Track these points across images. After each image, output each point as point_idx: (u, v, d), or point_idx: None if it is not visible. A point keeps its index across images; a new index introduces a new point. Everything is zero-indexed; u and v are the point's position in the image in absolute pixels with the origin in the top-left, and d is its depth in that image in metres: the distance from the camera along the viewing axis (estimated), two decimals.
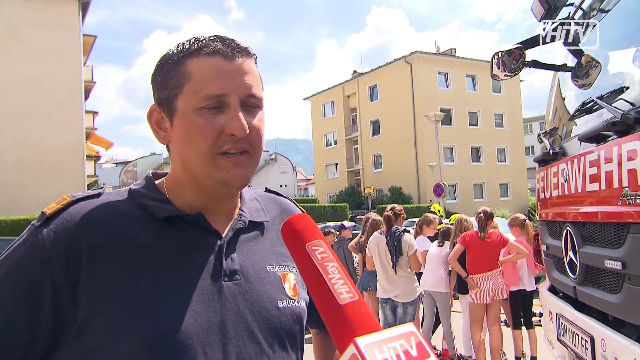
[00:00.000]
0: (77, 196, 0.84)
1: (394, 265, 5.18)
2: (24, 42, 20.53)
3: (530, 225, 5.84)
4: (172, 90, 0.84)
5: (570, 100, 3.19)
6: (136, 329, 0.75)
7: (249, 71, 0.85)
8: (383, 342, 0.53)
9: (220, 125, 0.82)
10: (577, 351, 2.59)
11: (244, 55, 0.86)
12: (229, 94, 0.82)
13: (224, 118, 0.82)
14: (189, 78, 0.83)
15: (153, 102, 0.89)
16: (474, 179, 34.71)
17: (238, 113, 0.82)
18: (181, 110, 0.84)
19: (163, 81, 0.86)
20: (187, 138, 0.84)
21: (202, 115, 0.82)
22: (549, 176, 3.17)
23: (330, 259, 0.64)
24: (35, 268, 0.76)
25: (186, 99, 0.83)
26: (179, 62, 0.84)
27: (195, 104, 0.82)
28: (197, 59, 0.83)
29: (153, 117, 0.89)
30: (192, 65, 0.83)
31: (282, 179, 54.64)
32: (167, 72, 0.85)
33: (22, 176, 19.81)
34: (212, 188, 0.86)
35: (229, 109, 0.82)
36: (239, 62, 0.84)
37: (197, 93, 0.82)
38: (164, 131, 0.88)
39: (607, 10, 2.76)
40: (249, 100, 0.85)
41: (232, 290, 0.84)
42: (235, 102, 0.82)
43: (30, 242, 0.79)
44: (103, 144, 29.79)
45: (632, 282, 2.04)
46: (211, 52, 0.83)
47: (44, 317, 0.75)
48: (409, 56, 33.84)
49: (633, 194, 1.98)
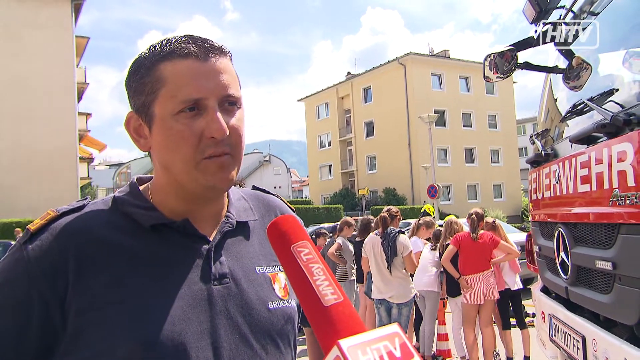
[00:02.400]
0: (61, 210, 0.84)
1: (388, 266, 5.19)
2: (16, 43, 20.41)
3: (501, 226, 5.89)
4: (147, 96, 0.82)
5: (562, 101, 3.22)
6: (127, 338, 0.75)
7: (224, 70, 0.83)
8: (367, 344, 0.52)
9: (199, 129, 0.80)
10: (569, 351, 2.61)
11: (218, 54, 0.84)
12: (206, 96, 0.80)
13: (202, 121, 0.80)
14: (164, 83, 0.81)
15: (129, 109, 0.87)
16: (467, 180, 34.80)
17: (216, 115, 0.80)
18: (159, 116, 0.82)
19: (137, 87, 0.84)
20: (167, 145, 0.82)
21: (180, 120, 0.80)
22: (541, 177, 3.19)
23: (316, 260, 0.64)
24: (22, 284, 0.76)
25: (163, 104, 0.81)
26: (152, 66, 0.82)
27: (172, 109, 0.80)
28: (171, 62, 0.81)
29: (131, 124, 0.87)
30: (166, 70, 0.81)
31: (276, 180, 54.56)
32: (141, 78, 0.83)
33: (14, 178, 19.68)
34: (197, 193, 0.85)
35: (207, 112, 0.80)
36: (213, 63, 0.82)
37: (173, 97, 0.80)
38: (143, 138, 0.86)
39: (598, 13, 2.78)
40: (228, 99, 0.83)
41: (222, 294, 0.84)
42: (213, 103, 0.81)
43: (16, 259, 0.78)
44: (96, 146, 29.65)
45: (622, 282, 2.06)
46: (184, 54, 0.81)
47: (34, 332, 0.75)
48: (403, 58, 33.91)
49: (623, 195, 2.00)
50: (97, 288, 0.77)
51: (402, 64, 33.88)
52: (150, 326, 0.76)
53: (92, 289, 0.76)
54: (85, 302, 0.76)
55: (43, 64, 20.76)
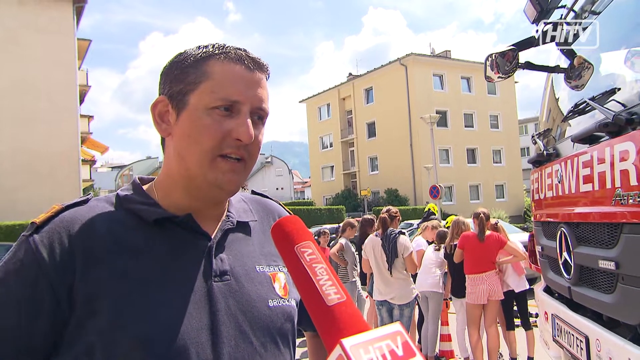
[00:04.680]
0: (65, 204, 0.86)
1: (389, 267, 5.18)
2: (18, 47, 20.45)
3: (503, 227, 5.87)
4: (187, 85, 0.86)
5: (564, 101, 3.21)
6: (129, 332, 0.75)
7: (262, 86, 0.88)
8: (369, 343, 0.53)
9: (227, 128, 0.84)
10: (572, 351, 2.60)
11: (262, 71, 0.89)
12: (244, 101, 0.85)
13: (233, 122, 0.84)
14: (209, 77, 0.85)
15: (159, 95, 0.90)
16: (469, 180, 34.77)
17: (247, 120, 0.84)
18: (193, 106, 0.85)
19: (179, 75, 0.87)
20: (191, 134, 0.85)
21: (212, 115, 0.84)
22: (543, 177, 3.19)
23: (319, 260, 0.65)
24: (32, 273, 0.77)
25: (200, 96, 0.84)
26: (201, 60, 0.86)
27: (208, 102, 0.84)
28: (221, 62, 0.86)
29: (157, 108, 0.90)
30: (215, 67, 0.85)
31: (278, 181, 54.61)
32: (185, 68, 0.87)
33: (16, 181, 19.71)
34: (204, 190, 0.87)
35: (240, 115, 0.85)
36: (258, 76, 0.88)
37: (213, 93, 0.84)
38: (166, 124, 0.89)
39: (599, 12, 2.78)
40: (259, 112, 0.88)
41: (222, 291, 0.85)
42: (246, 110, 0.85)
43: (24, 250, 0.79)
44: (98, 148, 29.70)
45: (625, 282, 2.06)
46: (236, 59, 0.86)
47: (45, 321, 0.76)
48: (404, 58, 33.91)
49: (625, 195, 1.99)
50: (100, 281, 0.78)
51: (404, 65, 33.88)
52: (151, 320, 0.77)
53: (95, 281, 0.78)
54: (89, 294, 0.77)
55: (44, 66, 20.80)
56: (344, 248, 6.90)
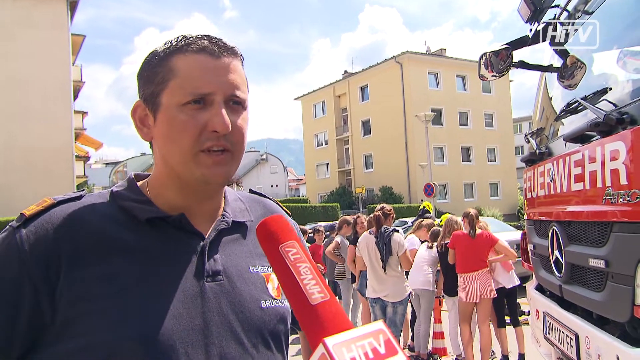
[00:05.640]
0: (58, 199, 0.84)
1: (383, 265, 5.20)
2: (11, 42, 20.31)
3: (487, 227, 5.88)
4: (157, 85, 0.84)
5: (557, 100, 3.23)
6: (118, 331, 0.75)
7: (234, 71, 0.85)
8: (352, 341, 0.53)
9: (203, 121, 0.82)
10: (563, 349, 2.62)
11: (230, 54, 0.86)
12: (214, 91, 0.82)
13: (207, 114, 0.82)
14: (175, 74, 0.83)
15: (138, 98, 0.89)
16: (464, 178, 34.87)
17: (221, 110, 0.82)
18: (165, 105, 0.84)
19: (149, 76, 0.86)
20: (169, 134, 0.84)
21: (185, 111, 0.82)
22: (535, 176, 3.21)
23: (303, 259, 0.65)
24: (13, 269, 0.76)
25: (171, 94, 0.83)
26: (165, 58, 0.85)
27: (179, 99, 0.82)
28: (184, 55, 0.84)
29: (137, 113, 0.89)
30: (179, 62, 0.83)
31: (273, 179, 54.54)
32: (153, 68, 0.85)
33: (10, 177, 19.60)
34: (193, 185, 0.86)
35: (213, 106, 0.82)
36: (225, 61, 0.84)
37: (182, 89, 0.82)
38: (147, 128, 0.88)
39: (592, 12, 2.79)
40: (233, 98, 0.85)
41: (214, 291, 0.84)
42: (219, 99, 0.83)
43: (7, 243, 0.78)
44: (92, 145, 29.56)
45: (614, 280, 2.08)
46: (198, 49, 0.84)
47: (22, 317, 0.75)
48: (400, 56, 33.93)
49: (616, 194, 2.01)
50: (90, 279, 0.77)
51: (399, 63, 33.89)
52: (141, 320, 0.76)
53: (85, 280, 0.76)
54: (77, 293, 0.76)
55: (38, 62, 20.67)
56: (340, 246, 6.94)
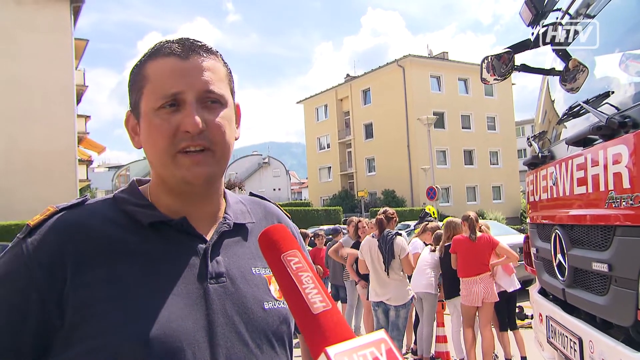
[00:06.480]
0: (60, 206, 0.85)
1: (386, 268, 5.19)
2: (15, 46, 20.39)
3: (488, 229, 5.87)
4: (136, 94, 0.87)
5: (559, 104, 3.22)
6: (124, 334, 0.75)
7: (207, 68, 0.86)
8: (353, 351, 0.53)
9: (176, 123, 0.83)
10: (566, 353, 2.61)
11: (200, 53, 0.87)
12: (184, 91, 0.83)
13: (179, 116, 0.83)
14: (148, 80, 0.85)
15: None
16: (466, 181, 34.83)
17: (192, 109, 0.83)
18: (144, 112, 0.86)
19: (131, 86, 0.89)
20: (148, 139, 0.86)
21: (160, 115, 0.84)
22: (538, 179, 3.20)
23: (305, 268, 0.65)
24: (20, 277, 0.77)
25: (147, 100, 0.85)
26: (141, 66, 0.88)
27: (153, 104, 0.84)
28: (155, 61, 0.86)
29: (129, 123, 0.91)
30: (150, 68, 0.86)
31: (275, 182, 54.54)
32: (134, 77, 0.89)
33: (12, 181, 19.64)
34: (178, 188, 0.87)
35: (185, 107, 0.83)
36: (195, 61, 0.85)
37: (154, 93, 0.84)
38: (138, 136, 0.90)
39: (594, 15, 2.79)
40: (208, 96, 0.85)
41: (218, 293, 0.85)
42: (190, 98, 0.83)
43: (14, 253, 0.80)
44: (95, 148, 29.61)
45: (618, 284, 2.07)
46: (167, 53, 0.85)
47: (31, 327, 0.76)
48: (402, 60, 33.97)
49: (619, 197, 2.00)
50: (95, 283, 0.78)
51: (401, 66, 33.93)
52: (147, 323, 0.77)
53: (90, 285, 0.77)
54: (83, 298, 0.77)
55: (42, 66, 20.74)
56: (344, 247, 6.95)
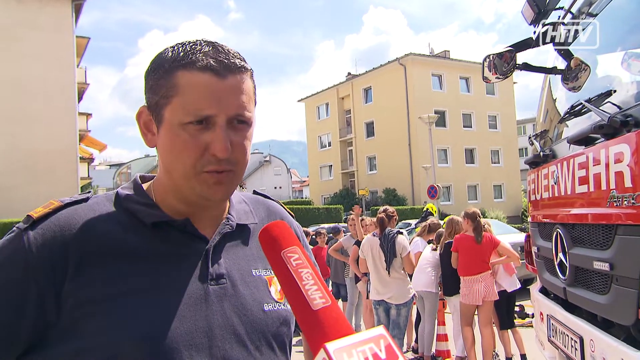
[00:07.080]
0: (65, 201, 0.85)
1: (387, 267, 5.19)
2: (16, 44, 20.39)
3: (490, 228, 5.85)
4: (161, 98, 0.83)
5: (561, 102, 3.22)
6: (122, 333, 0.76)
7: (240, 90, 0.83)
8: (352, 346, 0.54)
9: (204, 142, 0.81)
10: (567, 352, 2.61)
11: (237, 72, 0.83)
12: (217, 114, 0.81)
13: (208, 136, 0.81)
14: (178, 92, 0.81)
15: (144, 101, 0.88)
16: (468, 180, 34.80)
17: (223, 133, 0.81)
18: (168, 121, 0.83)
19: (153, 87, 0.84)
20: (171, 150, 0.83)
21: (187, 130, 0.81)
22: (539, 178, 3.20)
23: (305, 265, 0.65)
24: (19, 271, 0.77)
25: (173, 111, 0.82)
26: (170, 71, 0.82)
27: (181, 118, 0.81)
28: (189, 72, 0.81)
29: (142, 118, 0.89)
30: (183, 79, 0.81)
31: (276, 180, 54.55)
32: (158, 79, 0.83)
33: (14, 179, 19.66)
34: (192, 199, 0.87)
35: (215, 129, 0.81)
36: (231, 82, 0.82)
37: (184, 108, 0.81)
38: (151, 134, 0.88)
39: (596, 14, 2.79)
40: (238, 118, 0.83)
41: (218, 294, 0.85)
42: (221, 121, 0.81)
43: (15, 245, 0.79)
44: (97, 146, 29.63)
45: (619, 283, 2.07)
46: (202, 67, 0.81)
47: (26, 318, 0.76)
48: (403, 58, 33.92)
49: (620, 196, 2.00)
50: (96, 282, 0.78)
51: (402, 65, 33.88)
52: (146, 323, 0.77)
53: (91, 283, 0.77)
54: (83, 296, 0.77)
55: (43, 64, 20.75)
56: (344, 245, 6.97)
